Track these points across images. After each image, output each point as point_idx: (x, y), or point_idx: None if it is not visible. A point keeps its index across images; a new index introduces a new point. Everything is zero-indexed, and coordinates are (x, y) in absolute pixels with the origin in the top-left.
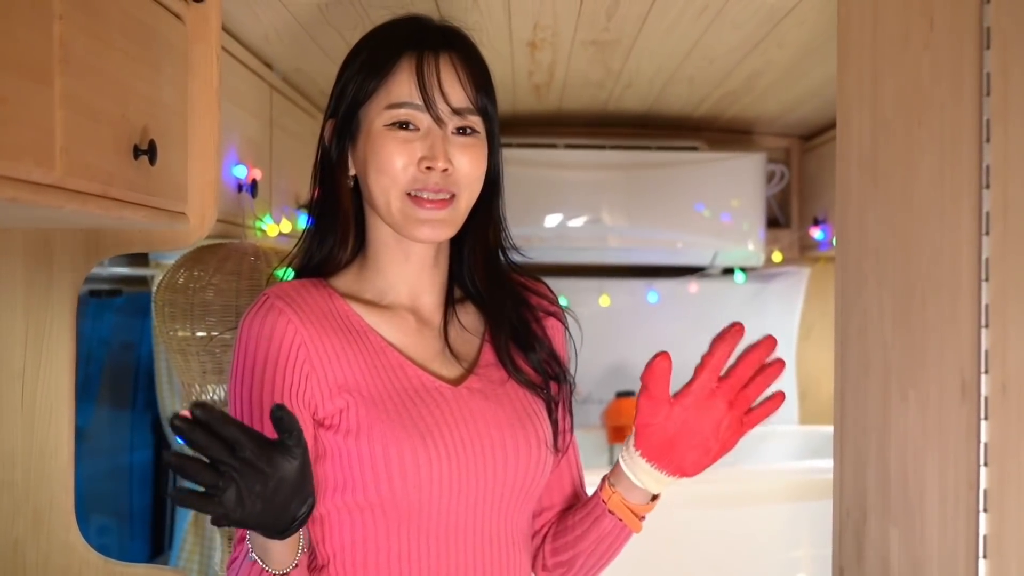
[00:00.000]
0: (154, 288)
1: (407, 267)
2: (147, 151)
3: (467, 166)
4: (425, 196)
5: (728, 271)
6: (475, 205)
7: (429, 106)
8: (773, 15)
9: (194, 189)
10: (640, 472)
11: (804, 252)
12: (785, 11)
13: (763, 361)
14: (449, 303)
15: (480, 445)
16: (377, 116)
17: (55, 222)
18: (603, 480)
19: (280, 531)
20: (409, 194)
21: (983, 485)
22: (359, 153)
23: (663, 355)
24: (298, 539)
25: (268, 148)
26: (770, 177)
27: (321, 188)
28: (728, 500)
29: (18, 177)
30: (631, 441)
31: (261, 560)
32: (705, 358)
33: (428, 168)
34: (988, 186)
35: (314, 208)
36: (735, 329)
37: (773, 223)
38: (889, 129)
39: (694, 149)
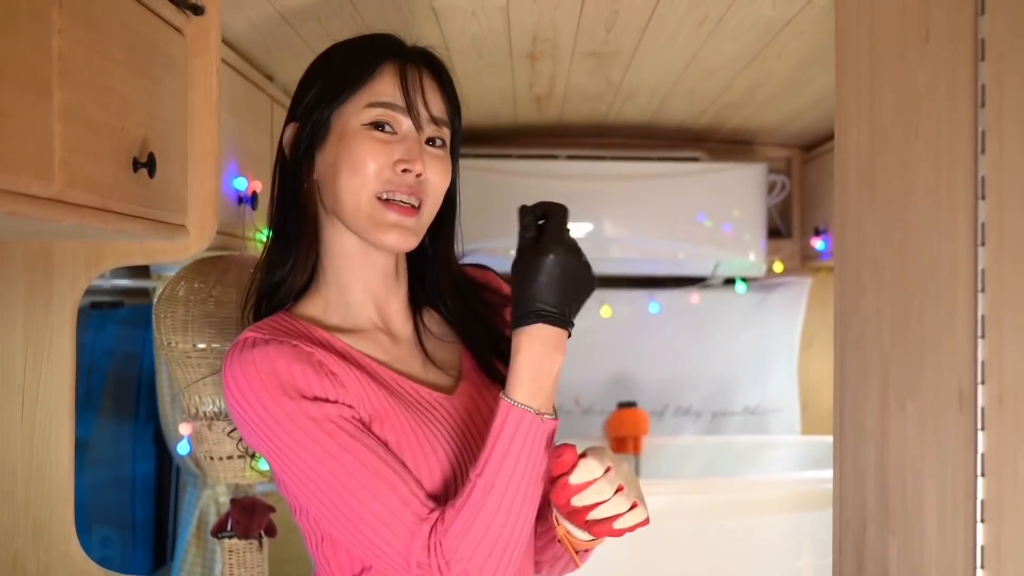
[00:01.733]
0: (154, 300)
1: (371, 278)
2: (147, 164)
3: (437, 176)
4: (396, 199)
5: (729, 281)
6: (436, 225)
7: (411, 109)
8: (772, 27)
9: (194, 201)
10: (572, 528)
11: (805, 262)
12: (783, 23)
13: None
14: (415, 314)
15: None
16: (355, 115)
17: (55, 234)
18: None
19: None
20: (379, 198)
21: (981, 495)
22: (328, 155)
23: (569, 448)
24: None
25: (269, 160)
26: (771, 187)
27: (280, 196)
28: (730, 510)
29: (17, 191)
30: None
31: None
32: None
33: (404, 171)
34: (984, 197)
35: (274, 218)
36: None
37: (774, 233)
38: (887, 140)
39: (695, 160)
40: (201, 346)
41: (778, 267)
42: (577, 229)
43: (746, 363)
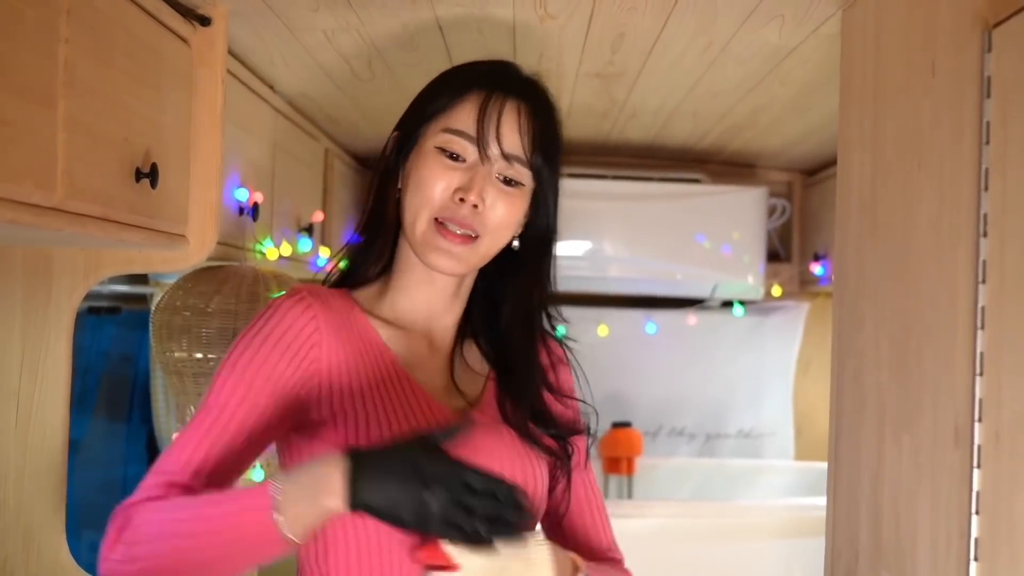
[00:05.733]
0: (153, 307)
1: (430, 290)
2: (149, 174)
3: (499, 212)
4: (449, 227)
5: (727, 304)
6: (525, 259)
7: (481, 141)
8: (777, 54)
9: (195, 212)
10: None
11: (804, 287)
12: (788, 50)
13: None
14: (460, 339)
15: None
16: (432, 137)
17: (55, 242)
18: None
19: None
20: (437, 219)
21: (974, 533)
22: (408, 169)
23: None
24: None
25: (271, 171)
26: (771, 211)
27: (374, 198)
28: (721, 534)
29: (19, 200)
30: None
31: (286, 522)
32: None
33: (461, 199)
34: (986, 234)
35: (364, 216)
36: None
37: (773, 257)
38: (889, 172)
39: (696, 181)
40: (197, 355)
41: (776, 291)
42: (576, 247)
43: (741, 386)
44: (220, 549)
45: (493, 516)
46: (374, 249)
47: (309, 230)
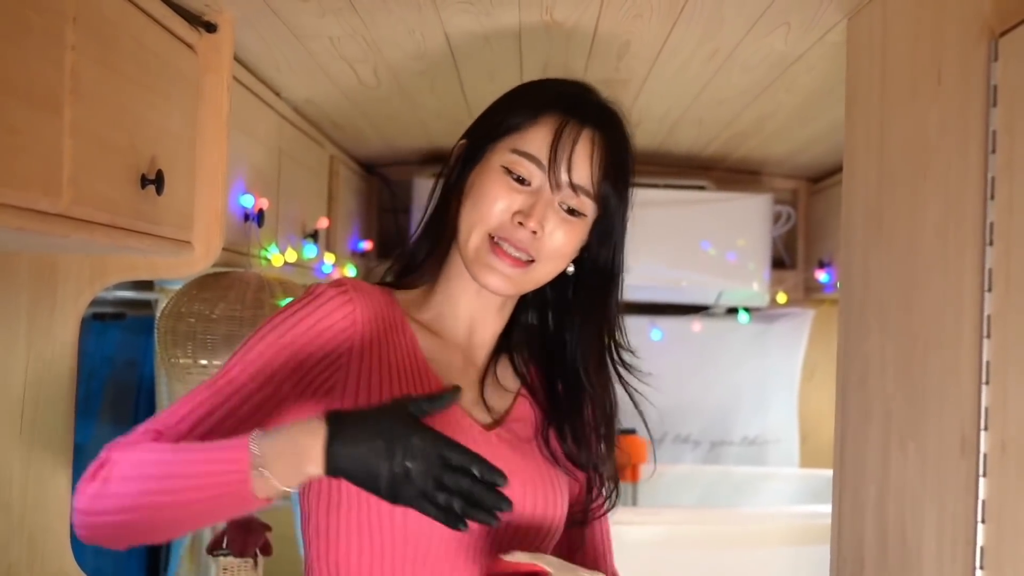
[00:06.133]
0: (158, 313)
1: (476, 303)
2: (154, 181)
3: (558, 239)
4: (505, 247)
5: (732, 311)
6: (589, 293)
7: (551, 168)
8: (783, 61)
9: (200, 218)
10: None
11: (809, 294)
12: (795, 58)
13: None
14: (494, 355)
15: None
16: (500, 155)
17: (60, 248)
18: None
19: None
20: (492, 237)
21: (980, 542)
22: (471, 181)
23: None
24: None
25: (276, 177)
26: (776, 218)
27: (436, 203)
28: (726, 541)
29: (25, 206)
30: None
31: (261, 480)
32: None
33: (520, 223)
34: (992, 243)
35: (423, 221)
36: None
37: (778, 264)
38: (895, 180)
39: (701, 188)
40: (202, 362)
41: (781, 298)
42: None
43: (746, 393)
44: (190, 494)
45: (467, 494)
46: (430, 255)
47: (314, 236)
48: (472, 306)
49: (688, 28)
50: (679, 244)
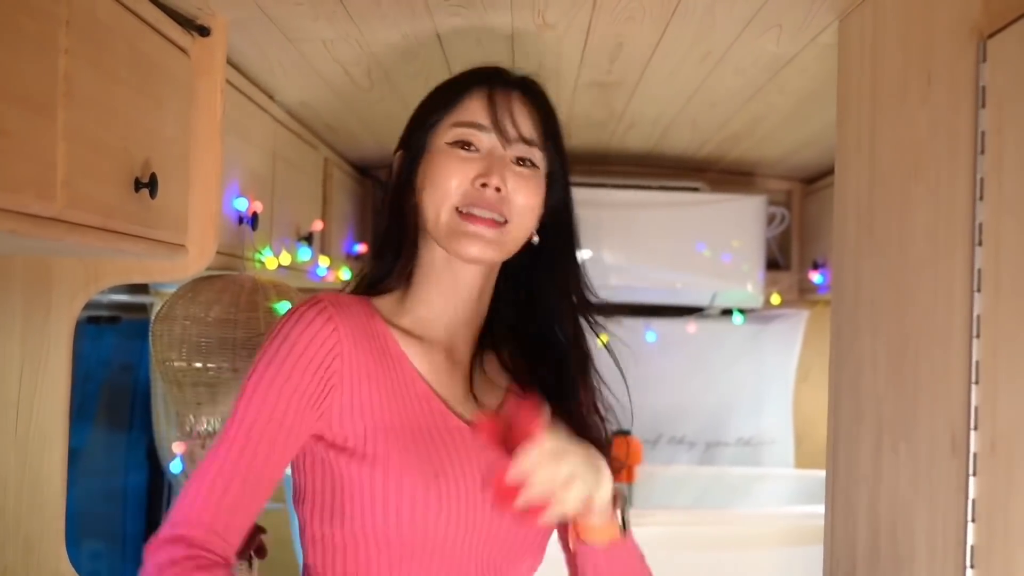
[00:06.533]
0: (152, 317)
1: (451, 299)
2: (148, 184)
3: (522, 195)
4: (476, 212)
5: (727, 312)
6: (550, 250)
7: (497, 127)
8: (775, 63)
9: (195, 221)
10: None
11: (803, 295)
12: (787, 59)
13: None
14: (479, 349)
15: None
16: (442, 135)
17: (55, 251)
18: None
19: None
20: (459, 210)
21: (970, 541)
22: (420, 175)
23: None
24: None
25: (271, 180)
26: (771, 219)
27: (389, 215)
28: (721, 542)
29: (18, 210)
30: None
31: None
32: None
33: (483, 185)
34: (981, 243)
35: (379, 232)
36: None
37: (773, 265)
38: (886, 181)
39: (695, 190)
40: (197, 365)
41: (776, 299)
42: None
43: (741, 394)
44: None
45: None
46: (397, 258)
47: (309, 239)
48: (449, 303)
49: (680, 30)
50: (673, 246)
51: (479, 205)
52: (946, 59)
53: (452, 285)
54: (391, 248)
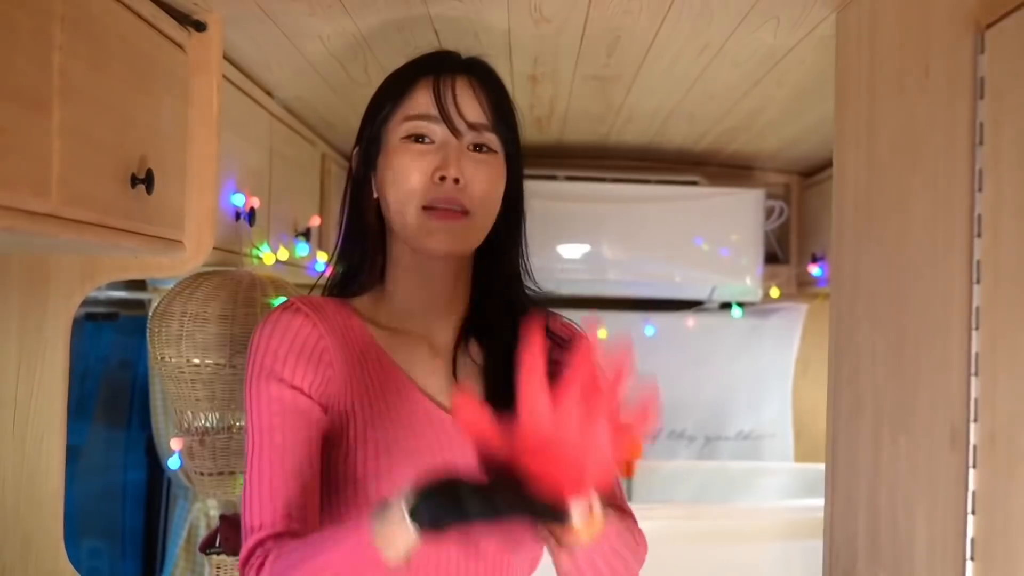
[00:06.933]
0: (150, 313)
1: (425, 292)
2: (144, 180)
3: (481, 182)
4: (439, 206)
5: (726, 306)
6: (497, 230)
7: (445, 118)
8: (772, 55)
9: (191, 217)
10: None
11: (802, 288)
12: (784, 51)
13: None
14: (463, 336)
15: None
16: (395, 130)
17: (51, 248)
18: None
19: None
20: (425, 207)
21: (971, 533)
22: (380, 171)
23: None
24: None
25: (268, 176)
26: (769, 213)
27: (349, 213)
28: (721, 536)
29: (14, 206)
30: None
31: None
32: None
33: (441, 178)
34: (980, 235)
35: (341, 234)
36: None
37: (771, 259)
38: (884, 174)
39: (694, 183)
40: (195, 361)
41: (775, 292)
42: (575, 250)
43: (741, 388)
44: None
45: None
46: (364, 257)
47: (306, 234)
48: (424, 295)
49: (677, 23)
50: (672, 240)
51: (440, 199)
52: (944, 50)
53: (425, 278)
54: (358, 247)
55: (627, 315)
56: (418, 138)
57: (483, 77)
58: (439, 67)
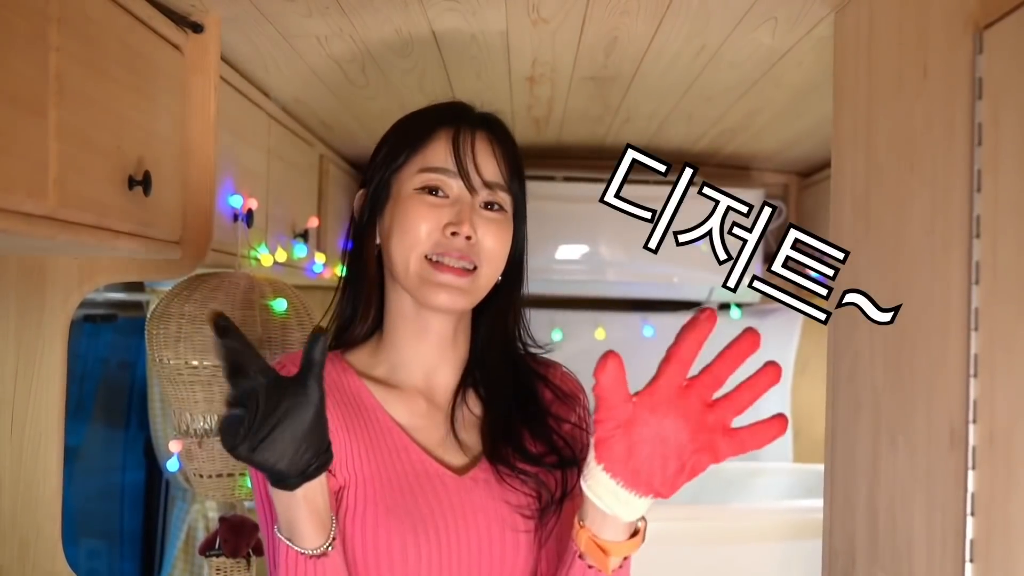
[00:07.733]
0: (148, 315)
1: (424, 344)
2: (142, 182)
3: (492, 240)
4: (446, 261)
5: (724, 306)
6: (498, 284)
7: (462, 174)
8: (770, 56)
9: (189, 219)
10: (603, 492)
11: (801, 289)
12: (782, 52)
13: (745, 357)
14: (464, 386)
15: (476, 540)
16: (408, 180)
17: (48, 250)
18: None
19: (287, 477)
20: (428, 258)
21: (970, 535)
22: (386, 219)
23: (612, 353)
24: (329, 519)
25: (266, 178)
26: None
27: (351, 257)
28: (720, 537)
29: (10, 208)
30: (591, 455)
31: (289, 540)
32: (671, 349)
33: (453, 233)
34: (979, 236)
35: (344, 276)
36: (707, 315)
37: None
38: (882, 174)
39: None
40: (193, 363)
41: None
42: (573, 251)
43: None
44: None
45: None
46: (360, 308)
47: (304, 236)
48: (421, 349)
49: (675, 24)
50: (671, 240)
51: (449, 253)
52: (942, 51)
53: (424, 331)
54: (357, 295)
55: (626, 315)
56: (432, 190)
57: (499, 134)
58: (457, 119)
